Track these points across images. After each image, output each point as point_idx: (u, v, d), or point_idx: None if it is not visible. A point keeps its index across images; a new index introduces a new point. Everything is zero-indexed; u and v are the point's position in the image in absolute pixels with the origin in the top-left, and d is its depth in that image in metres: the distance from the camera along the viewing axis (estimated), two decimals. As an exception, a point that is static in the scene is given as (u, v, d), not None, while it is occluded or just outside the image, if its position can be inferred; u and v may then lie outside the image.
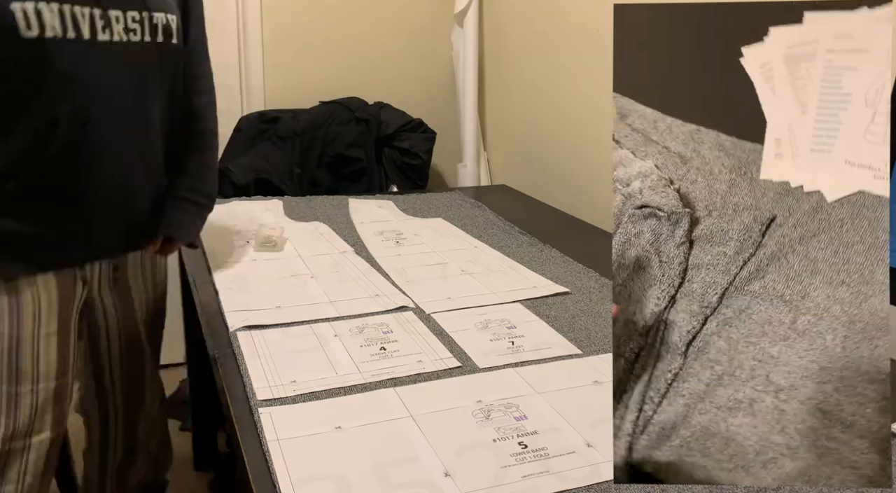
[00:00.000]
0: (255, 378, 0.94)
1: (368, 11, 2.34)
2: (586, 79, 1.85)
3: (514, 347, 1.05)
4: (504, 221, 1.69)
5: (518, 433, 0.83)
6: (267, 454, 0.79)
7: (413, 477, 0.75)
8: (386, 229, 1.61)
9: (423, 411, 0.88)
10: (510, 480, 0.75)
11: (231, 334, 1.07)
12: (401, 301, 1.20)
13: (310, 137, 2.14)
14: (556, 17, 1.96)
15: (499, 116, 2.37)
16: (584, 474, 0.76)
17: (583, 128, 1.88)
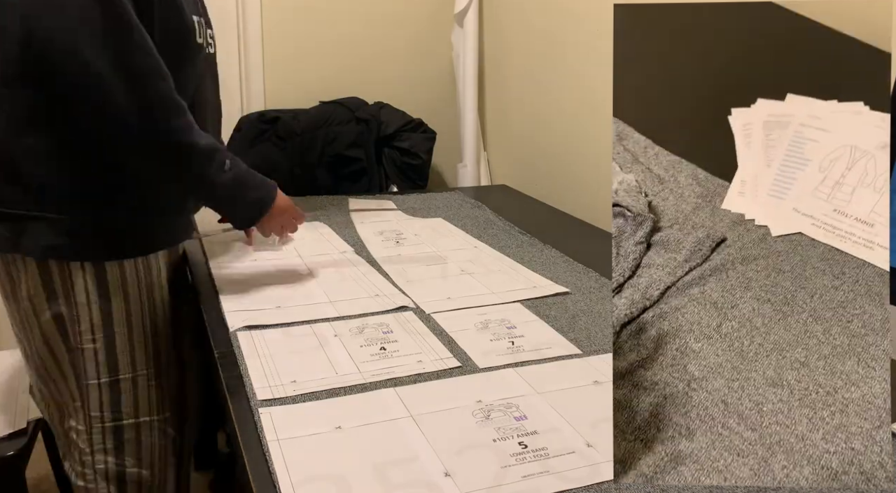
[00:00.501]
0: (255, 378, 0.94)
1: (368, 11, 2.34)
2: (586, 79, 1.85)
3: (514, 347, 1.05)
4: (504, 221, 1.69)
5: (518, 433, 0.83)
6: (267, 454, 0.79)
7: (413, 477, 0.75)
8: (386, 229, 1.61)
9: (423, 411, 0.88)
10: (510, 480, 0.75)
11: (231, 334, 1.07)
12: (401, 301, 1.20)
13: (310, 137, 2.14)
14: (556, 18, 1.96)
15: (499, 116, 2.37)
16: (584, 474, 0.76)
17: (583, 128, 1.88)
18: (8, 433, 1.32)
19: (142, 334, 1.19)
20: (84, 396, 1.16)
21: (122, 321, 1.15)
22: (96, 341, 1.14)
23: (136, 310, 1.17)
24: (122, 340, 1.16)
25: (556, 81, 2.00)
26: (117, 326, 1.15)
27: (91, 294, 1.12)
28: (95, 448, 1.19)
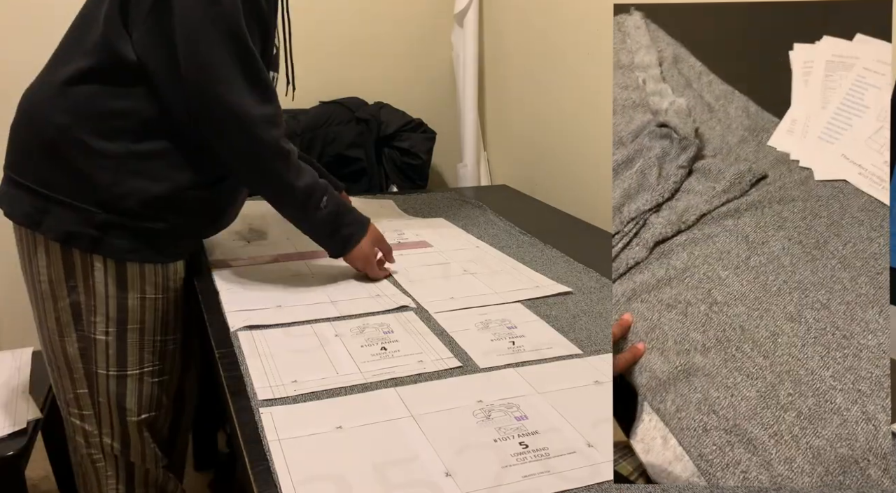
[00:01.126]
0: (256, 378, 0.94)
1: (368, 11, 2.34)
2: (586, 79, 1.85)
3: (514, 347, 1.05)
4: (504, 221, 1.69)
5: (519, 433, 0.83)
6: (267, 453, 0.79)
7: (414, 477, 0.75)
8: (387, 229, 1.61)
9: (424, 411, 0.88)
10: (511, 480, 0.75)
11: (232, 334, 1.07)
12: (402, 301, 1.20)
13: (310, 137, 2.14)
14: (556, 18, 1.96)
15: (499, 116, 2.37)
16: (584, 474, 0.76)
17: (583, 128, 1.88)
18: (8, 433, 1.32)
19: (152, 335, 1.23)
20: (93, 383, 1.20)
21: (137, 319, 1.20)
22: (109, 333, 1.18)
23: (150, 309, 1.21)
24: (133, 337, 1.20)
25: (556, 81, 2.00)
26: (131, 323, 1.19)
27: (109, 288, 1.16)
28: (103, 432, 1.23)
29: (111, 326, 1.18)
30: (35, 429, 1.37)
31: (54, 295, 1.17)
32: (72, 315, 1.17)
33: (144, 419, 1.25)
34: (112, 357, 1.19)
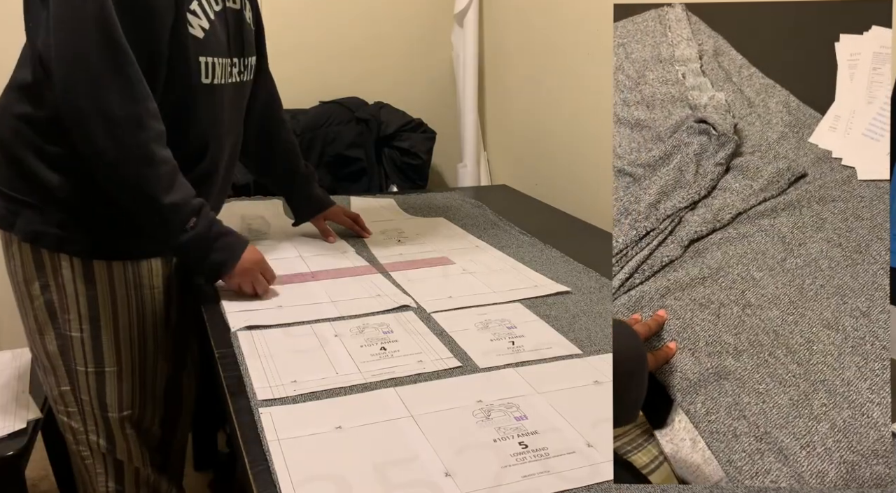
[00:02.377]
0: (256, 378, 0.94)
1: (368, 11, 2.34)
2: (586, 79, 1.85)
3: (514, 347, 1.05)
4: (504, 221, 1.69)
5: (518, 432, 0.83)
6: (267, 453, 0.79)
7: (413, 477, 0.75)
8: (388, 228, 1.61)
9: (424, 411, 0.88)
10: (510, 480, 0.75)
11: (232, 334, 1.07)
12: (402, 301, 1.20)
13: (309, 137, 2.14)
14: (557, 18, 1.96)
15: (499, 116, 2.37)
16: (584, 474, 0.76)
17: (583, 128, 1.88)
18: (8, 433, 1.32)
19: (128, 332, 1.22)
20: (73, 380, 1.20)
21: (108, 317, 1.19)
22: (83, 330, 1.18)
23: (123, 308, 1.21)
24: (107, 334, 1.20)
25: (555, 81, 2.00)
26: (103, 320, 1.19)
27: (78, 286, 1.16)
28: (88, 429, 1.24)
29: (84, 323, 1.18)
30: (35, 429, 1.37)
31: (30, 294, 1.17)
32: (47, 314, 1.17)
33: (127, 416, 1.24)
34: (89, 354, 1.19)
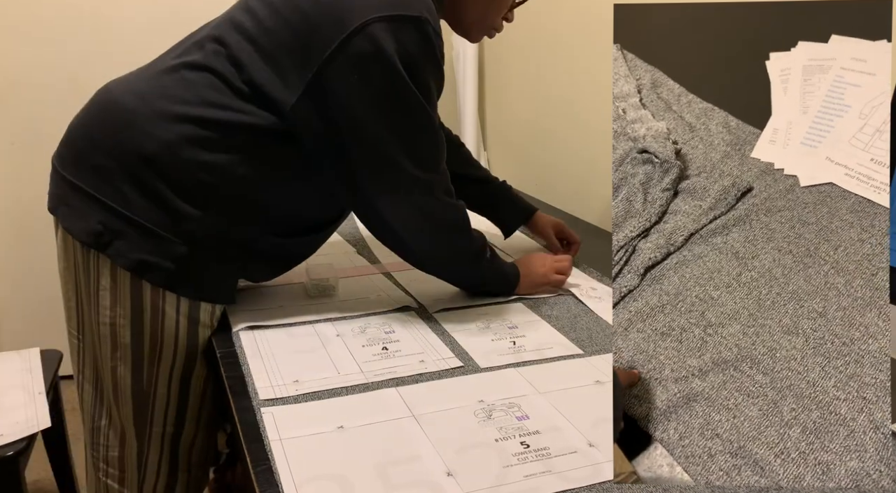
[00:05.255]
0: (258, 378, 0.95)
1: (369, 11, 2.34)
2: (586, 78, 1.85)
3: (515, 347, 1.05)
4: (505, 221, 1.68)
5: (520, 432, 0.83)
6: (269, 453, 0.79)
7: (415, 477, 0.75)
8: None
9: (425, 410, 0.88)
10: (512, 479, 0.75)
11: (234, 334, 1.07)
12: (403, 301, 1.20)
13: (310, 136, 2.13)
14: (557, 18, 1.96)
15: (499, 116, 2.38)
16: (585, 473, 0.76)
17: (583, 128, 1.89)
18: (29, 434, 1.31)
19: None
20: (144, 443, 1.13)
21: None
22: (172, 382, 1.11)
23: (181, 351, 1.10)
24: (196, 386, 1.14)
25: (556, 81, 2.00)
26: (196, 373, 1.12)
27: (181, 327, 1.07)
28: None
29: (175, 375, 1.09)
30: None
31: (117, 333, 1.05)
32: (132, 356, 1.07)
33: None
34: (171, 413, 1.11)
